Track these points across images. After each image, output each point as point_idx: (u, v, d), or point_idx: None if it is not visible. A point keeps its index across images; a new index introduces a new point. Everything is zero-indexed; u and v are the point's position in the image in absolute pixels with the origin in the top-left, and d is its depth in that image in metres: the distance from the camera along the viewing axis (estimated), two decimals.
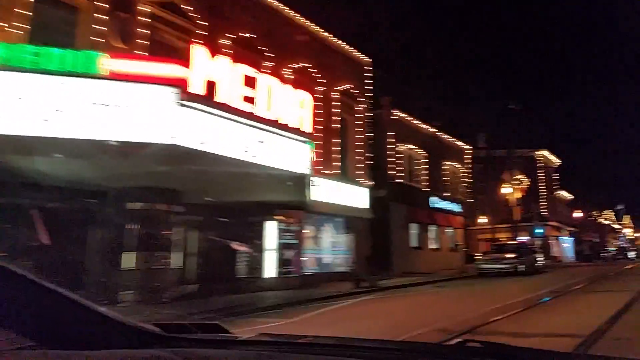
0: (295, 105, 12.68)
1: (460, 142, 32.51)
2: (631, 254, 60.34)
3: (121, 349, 1.19)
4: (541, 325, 7.71)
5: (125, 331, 1.27)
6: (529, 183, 32.07)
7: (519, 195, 30.47)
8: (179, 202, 12.77)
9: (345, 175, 21.14)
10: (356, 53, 22.77)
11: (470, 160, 33.12)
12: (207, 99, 9.97)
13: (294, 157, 11.96)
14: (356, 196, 21.06)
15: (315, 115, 15.08)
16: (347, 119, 22.13)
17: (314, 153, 13.27)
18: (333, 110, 20.72)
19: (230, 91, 10.61)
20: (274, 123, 11.54)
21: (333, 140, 20.50)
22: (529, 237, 46.80)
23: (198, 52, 10.30)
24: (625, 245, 66.89)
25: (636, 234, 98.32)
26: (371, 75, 23.26)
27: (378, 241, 22.74)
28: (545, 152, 47.71)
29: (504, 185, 30.13)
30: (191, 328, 1.52)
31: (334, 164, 20.30)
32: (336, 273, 19.47)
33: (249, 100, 11.26)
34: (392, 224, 24.39)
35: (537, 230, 43.03)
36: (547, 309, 10.41)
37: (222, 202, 14.35)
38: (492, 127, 45.10)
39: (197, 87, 9.89)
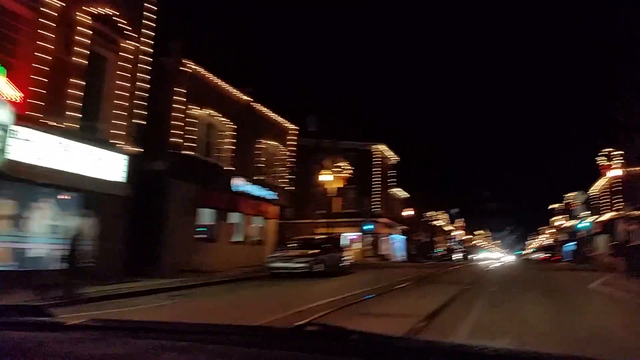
0: None
1: (285, 120, 27.97)
2: (456, 256, 62.17)
3: None
4: None
5: None
6: (351, 172, 28.70)
7: (339, 184, 26.85)
8: None
9: (92, 134, 15.00)
10: None
11: (295, 143, 28.73)
12: None
13: None
14: (105, 164, 15.10)
15: (37, 37, 12.03)
16: (107, 57, 15.97)
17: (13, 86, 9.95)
18: (78, 38, 14.44)
19: None
20: None
21: (73, 81, 14.23)
22: (359, 233, 44.76)
23: None
24: (453, 247, 69.38)
25: (467, 236, 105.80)
26: (155, 5, 17.35)
27: (145, 228, 16.99)
28: (383, 147, 45.87)
29: (323, 172, 26.21)
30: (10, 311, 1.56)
31: (70, 113, 14.04)
32: (50, 272, 13.19)
33: None
34: (171, 208, 18.74)
35: (366, 227, 40.78)
36: None
37: None
38: (328, 115, 41.76)
39: None
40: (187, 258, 18.83)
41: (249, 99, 24.04)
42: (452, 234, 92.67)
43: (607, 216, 40.46)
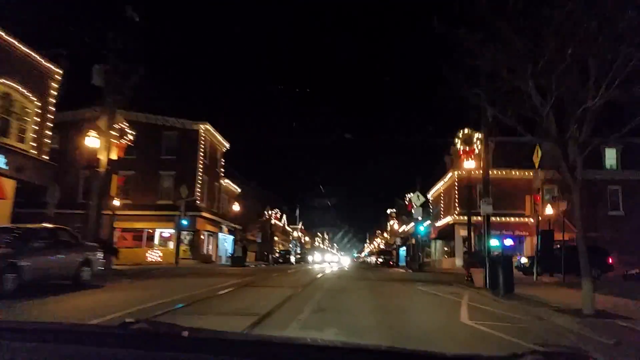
0: None
1: (45, 60, 18.96)
2: (297, 258, 57.10)
3: None
4: None
5: None
6: (130, 140, 20.84)
7: (114, 155, 18.85)
8: None
9: None
10: None
11: (57, 94, 19.76)
12: None
13: None
14: None
15: None
16: None
17: None
18: None
19: None
20: None
21: None
22: (175, 230, 36.75)
23: None
24: (291, 249, 64.44)
25: (307, 238, 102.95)
26: None
27: None
28: (210, 128, 38.42)
29: (89, 133, 17.91)
30: None
31: None
32: None
33: None
34: None
35: (182, 222, 32.91)
36: None
37: None
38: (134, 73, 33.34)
39: None
40: None
41: None
42: (292, 235, 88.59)
43: (445, 220, 38.23)
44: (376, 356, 1.52)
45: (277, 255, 49.08)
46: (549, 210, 30.44)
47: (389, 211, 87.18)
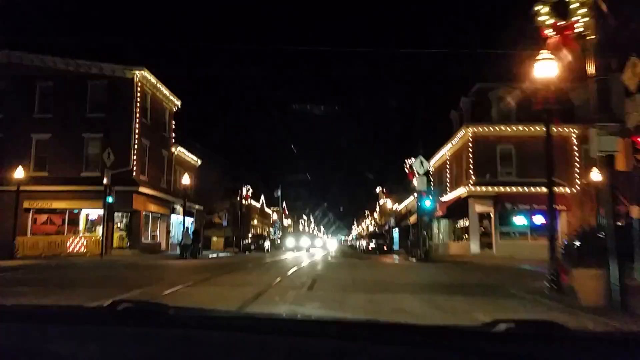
0: None
1: None
2: (268, 243, 47.50)
3: None
4: None
5: None
6: None
7: None
8: None
9: None
10: None
11: None
12: None
13: None
14: None
15: None
16: None
17: None
18: None
19: None
20: None
21: None
22: (101, 211, 28.19)
23: None
24: (266, 234, 55.99)
25: (288, 220, 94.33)
26: None
27: None
28: (148, 75, 29.45)
29: None
30: None
31: None
32: None
33: None
34: None
35: (108, 199, 24.41)
36: None
37: None
38: None
39: None
40: None
41: None
42: (272, 217, 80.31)
43: (456, 193, 30.05)
44: (353, 327, 1.54)
45: (248, 241, 40.59)
46: (596, 176, 22.49)
47: (378, 189, 79.36)
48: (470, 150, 27.73)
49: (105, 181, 24.65)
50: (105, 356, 1.29)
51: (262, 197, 70.91)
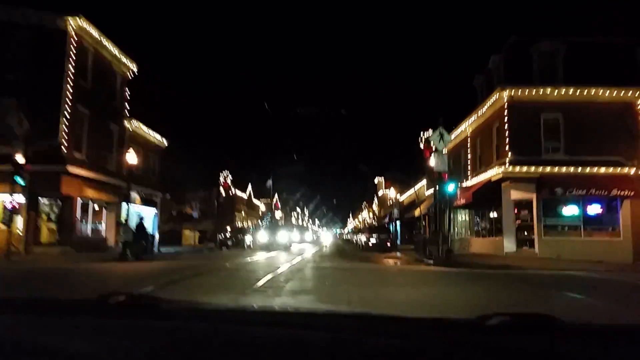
0: None
1: None
2: (259, 239, 39.91)
3: None
4: None
5: None
6: None
7: None
8: None
9: None
10: None
11: None
12: None
13: None
14: None
15: None
16: None
17: None
18: None
19: None
20: None
21: None
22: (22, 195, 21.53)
23: None
24: (249, 228, 49.42)
25: (278, 211, 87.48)
26: None
27: None
28: (87, 25, 22.55)
29: None
30: None
31: None
32: None
33: None
34: None
35: (17, 179, 17.93)
36: None
37: None
38: None
39: None
40: None
41: None
42: (260, 209, 73.84)
43: (485, 176, 23.44)
44: (340, 319, 1.55)
45: (225, 236, 33.95)
46: None
47: (377, 180, 73.00)
48: (506, 120, 21.19)
49: (17, 158, 18.22)
50: (96, 348, 1.23)
51: (250, 188, 64.33)
